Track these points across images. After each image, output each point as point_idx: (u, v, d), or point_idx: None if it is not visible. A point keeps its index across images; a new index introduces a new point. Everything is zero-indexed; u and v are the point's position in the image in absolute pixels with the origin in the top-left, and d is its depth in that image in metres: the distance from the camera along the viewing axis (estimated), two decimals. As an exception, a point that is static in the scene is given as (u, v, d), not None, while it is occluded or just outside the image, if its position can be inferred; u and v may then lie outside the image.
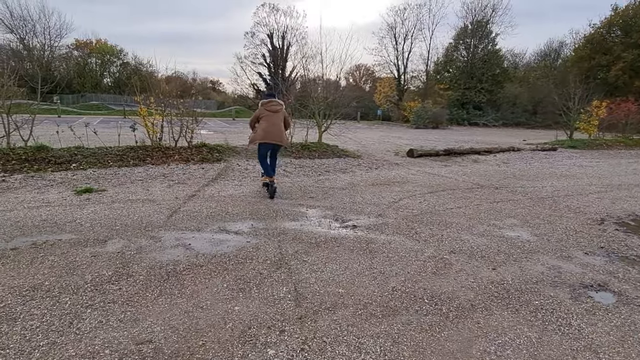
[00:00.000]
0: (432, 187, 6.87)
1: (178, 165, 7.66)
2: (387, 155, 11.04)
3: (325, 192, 6.23)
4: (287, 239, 3.97)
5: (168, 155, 8.12)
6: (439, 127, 27.93)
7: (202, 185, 6.32)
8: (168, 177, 6.79)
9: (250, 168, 7.85)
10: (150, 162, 7.74)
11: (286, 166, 8.21)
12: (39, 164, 6.97)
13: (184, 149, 8.45)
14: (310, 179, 7.26)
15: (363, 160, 9.58)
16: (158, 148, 8.23)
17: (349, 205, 5.40)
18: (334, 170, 8.13)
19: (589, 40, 34.57)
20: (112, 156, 7.71)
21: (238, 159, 8.57)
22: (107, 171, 6.93)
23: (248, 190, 6.16)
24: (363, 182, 7.07)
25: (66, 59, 49.10)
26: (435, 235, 4.24)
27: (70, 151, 7.63)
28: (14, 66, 8.22)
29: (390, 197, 5.96)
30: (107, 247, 3.59)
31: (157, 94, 8.47)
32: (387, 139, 16.63)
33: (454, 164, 9.92)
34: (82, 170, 6.88)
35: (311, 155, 9.48)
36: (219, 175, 7.15)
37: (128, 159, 7.69)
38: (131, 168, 7.26)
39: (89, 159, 7.42)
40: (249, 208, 5.08)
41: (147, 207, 4.97)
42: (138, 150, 8.07)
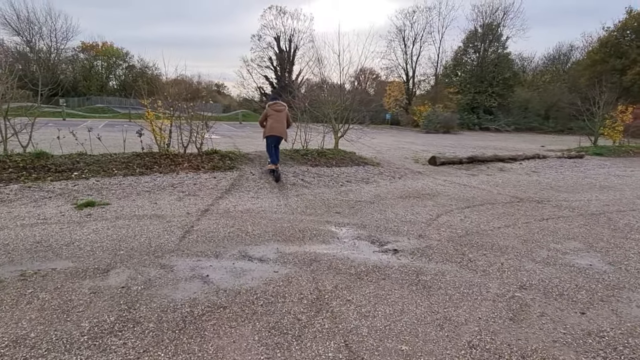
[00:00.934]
0: (467, 200, 6.24)
1: (188, 174, 7.08)
2: (407, 162, 10.41)
3: (352, 206, 5.61)
4: (322, 268, 3.35)
5: (177, 163, 7.54)
6: (450, 132, 27.27)
7: (215, 198, 5.72)
8: (177, 187, 6.21)
9: (265, 177, 7.25)
10: (157, 170, 7.16)
11: (304, 175, 7.60)
12: (38, 172, 6.41)
13: (193, 156, 7.88)
14: (331, 190, 6.65)
15: (384, 169, 8.96)
16: (166, 155, 7.66)
17: (383, 223, 4.78)
18: (356, 180, 7.52)
19: (603, 44, 33.83)
20: (117, 164, 7.14)
21: (251, 167, 7.97)
22: (112, 181, 6.36)
23: (267, 203, 5.55)
24: (390, 195, 6.45)
25: (72, 61, 48.99)
26: (494, 264, 3.60)
27: (72, 158, 7.07)
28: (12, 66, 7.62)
29: (425, 213, 5.33)
30: (110, 280, 2.99)
31: (165, 97, 7.91)
32: (401, 145, 16.01)
33: (480, 172, 9.28)
34: (84, 180, 6.31)
35: (328, 163, 8.88)
36: (232, 185, 6.56)
37: (134, 167, 7.12)
38: (137, 177, 6.69)
39: (91, 167, 6.86)
40: (271, 227, 4.47)
41: (156, 225, 4.37)
42: (145, 157, 7.50)
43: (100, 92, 46.58)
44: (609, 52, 33.36)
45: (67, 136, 7.42)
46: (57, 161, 6.83)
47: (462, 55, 39.97)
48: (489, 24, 36.76)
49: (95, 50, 49.84)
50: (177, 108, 8.01)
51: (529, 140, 22.52)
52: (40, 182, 6.01)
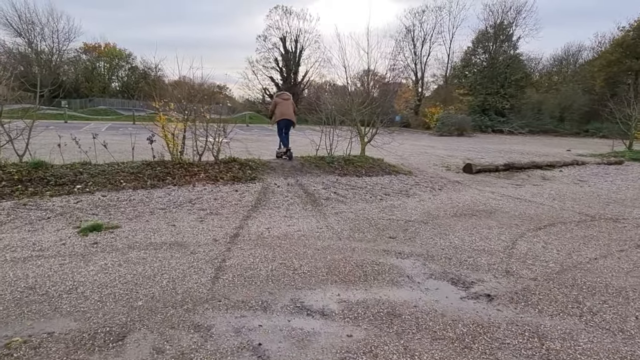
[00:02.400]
0: (532, 219, 5.37)
1: (206, 187, 6.23)
2: (439, 170, 9.54)
3: (404, 227, 4.75)
4: (409, 329, 2.50)
5: (192, 173, 6.69)
6: (463, 135, 26.40)
7: (242, 218, 4.87)
8: (196, 204, 5.36)
9: (293, 190, 6.40)
10: (171, 182, 6.32)
11: (335, 187, 6.75)
12: (35, 185, 5.58)
13: (210, 165, 7.03)
14: (372, 206, 5.79)
15: (418, 178, 8.10)
16: (180, 164, 6.81)
17: (452, 253, 3.92)
18: (394, 193, 6.66)
19: (618, 44, 32.92)
20: (125, 174, 6.29)
21: (274, 177, 7.12)
22: (120, 195, 5.51)
23: (305, 225, 4.69)
24: (442, 212, 5.58)
25: (74, 62, 48.30)
26: (628, 319, 2.74)
27: (74, 168, 6.23)
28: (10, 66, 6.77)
29: (495, 238, 4.47)
30: (127, 354, 2.14)
31: (179, 98, 7.07)
32: (421, 149, 15.14)
33: (523, 182, 8.41)
34: (89, 194, 5.47)
35: (357, 172, 8.02)
36: (258, 200, 5.70)
37: (144, 178, 6.27)
38: (149, 191, 5.84)
39: (97, 179, 6.02)
40: (321, 259, 3.61)
41: (178, 258, 3.52)
42: (156, 167, 6.65)
43: (103, 94, 45.82)
44: (624, 53, 32.46)
45: (70, 142, 6.58)
46: (58, 172, 5.99)
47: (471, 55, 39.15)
48: (500, 24, 35.92)
49: (97, 51, 49.14)
50: (191, 111, 7.18)
51: (549, 144, 21.61)
52: (37, 198, 5.17)
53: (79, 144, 6.40)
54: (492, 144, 20.64)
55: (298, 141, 18.14)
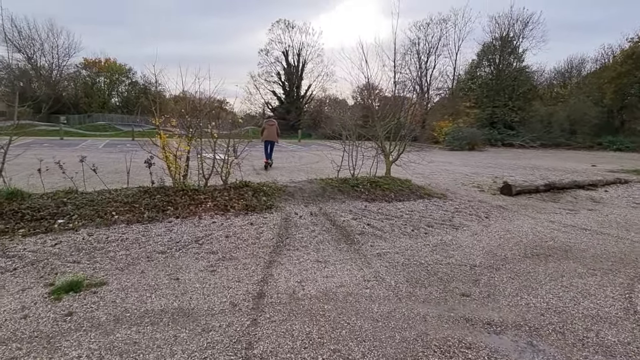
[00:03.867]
0: (621, 259, 4.32)
1: (214, 219, 5.19)
2: (471, 191, 8.51)
3: (473, 277, 3.69)
4: None
5: (198, 201, 5.66)
6: (475, 149, 25.46)
7: (265, 265, 3.81)
8: (204, 244, 4.31)
9: (319, 222, 5.36)
10: (173, 213, 5.28)
11: (366, 216, 5.71)
12: (7, 221, 4.54)
13: (218, 192, 6.00)
14: (418, 242, 4.73)
15: (456, 203, 7.06)
16: (183, 191, 5.78)
17: (558, 321, 2.86)
18: (437, 223, 5.61)
19: (628, 56, 32.29)
20: (118, 204, 5.26)
21: (294, 205, 6.09)
22: (110, 233, 4.47)
23: (347, 276, 3.63)
24: (508, 251, 4.52)
25: (74, 78, 47.72)
26: None
27: (57, 198, 5.20)
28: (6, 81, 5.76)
29: (599, 293, 3.41)
30: None
31: (182, 113, 6.09)
32: (440, 166, 14.13)
33: (574, 205, 7.37)
34: (71, 232, 4.43)
35: (387, 197, 6.99)
36: (280, 237, 4.65)
37: (141, 209, 5.24)
38: (146, 225, 4.80)
39: (83, 211, 4.98)
40: (388, 341, 2.55)
41: (186, 340, 2.46)
42: (155, 194, 5.63)
43: (102, 109, 45.10)
44: (634, 64, 31.81)
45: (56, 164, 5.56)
46: (36, 203, 4.95)
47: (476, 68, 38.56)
48: (506, 36, 35.39)
49: (97, 66, 48.62)
50: (196, 128, 6.19)
51: (566, 158, 20.63)
52: (7, 239, 4.12)
53: (62, 168, 5.37)
54: (508, 158, 19.66)
55: (306, 157, 17.20)
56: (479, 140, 26.23)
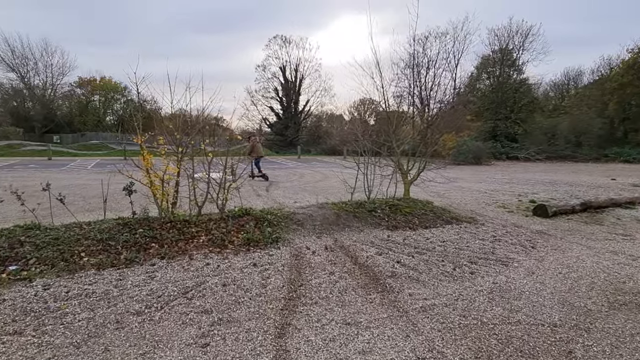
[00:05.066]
0: None
1: (208, 259, 4.19)
2: (500, 213, 7.56)
3: (565, 348, 2.69)
4: None
5: (189, 236, 4.66)
6: (481, 163, 24.63)
7: (275, 334, 2.80)
8: (195, 298, 3.30)
9: (337, 259, 4.37)
10: (157, 252, 4.27)
11: (392, 250, 4.72)
12: (-59, 270, 3.52)
13: (214, 223, 5.01)
14: (464, 287, 3.74)
15: (489, 229, 6.10)
16: (171, 223, 4.79)
17: None
18: (479, 258, 4.62)
19: (629, 66, 31.92)
20: (90, 242, 4.25)
21: (304, 237, 5.11)
22: (73, 284, 3.46)
23: (393, 352, 2.62)
24: (586, 299, 3.53)
25: (68, 97, 46.99)
26: None
27: (12, 236, 4.19)
28: None
29: None
30: None
31: (171, 130, 5.14)
32: (453, 183, 13.21)
33: (625, 229, 6.42)
34: (24, 284, 3.42)
35: (410, 223, 6.02)
36: (292, 285, 3.65)
37: (118, 248, 4.23)
38: (122, 271, 3.80)
39: (44, 252, 3.97)
40: None
41: None
42: (136, 228, 4.63)
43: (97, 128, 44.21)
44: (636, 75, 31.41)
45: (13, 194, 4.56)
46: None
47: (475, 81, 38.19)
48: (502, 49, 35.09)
49: (92, 85, 47.95)
50: (188, 146, 5.23)
51: (579, 170, 19.79)
52: None
53: (21, 199, 4.37)
54: (519, 172, 18.79)
55: (308, 175, 16.22)
56: (484, 154, 25.43)
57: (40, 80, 43.68)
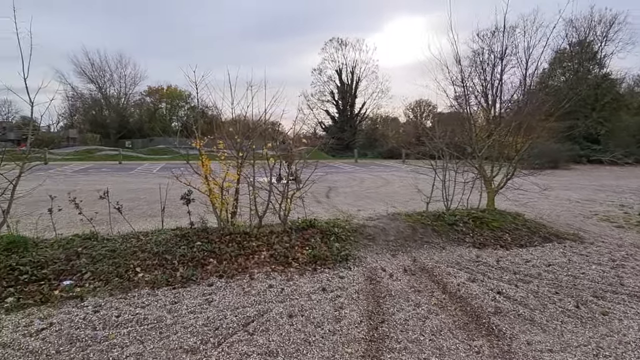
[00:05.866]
0: None
1: (271, 278, 3.66)
2: (606, 227, 6.31)
3: None
4: None
5: (249, 250, 4.18)
6: (558, 167, 22.23)
7: (361, 395, 2.14)
8: (257, 333, 2.75)
9: (420, 286, 3.63)
10: (215, 268, 3.83)
11: (483, 272, 3.87)
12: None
13: (276, 236, 4.49)
14: (600, 335, 2.83)
15: (602, 249, 4.98)
16: (230, 235, 4.35)
17: None
18: (605, 291, 3.63)
19: None
20: (146, 256, 3.92)
21: (378, 255, 4.42)
22: (125, 306, 3.08)
23: None
24: None
25: (139, 105, 50.47)
26: None
27: (70, 247, 3.97)
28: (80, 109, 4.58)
29: None
30: None
31: (232, 133, 4.71)
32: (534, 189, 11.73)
33: None
34: (75, 304, 3.10)
35: (500, 240, 5.09)
36: (371, 320, 2.98)
37: (174, 263, 3.85)
38: (177, 291, 3.38)
39: (100, 266, 3.68)
40: None
41: None
42: (194, 240, 4.24)
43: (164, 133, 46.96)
44: None
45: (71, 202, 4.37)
46: (42, 256, 3.74)
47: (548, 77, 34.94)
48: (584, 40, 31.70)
49: (160, 93, 51.09)
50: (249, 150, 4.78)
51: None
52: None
53: (78, 206, 4.15)
54: (606, 178, 16.56)
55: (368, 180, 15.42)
56: (562, 158, 22.93)
57: (115, 90, 47.33)
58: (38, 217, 4.61)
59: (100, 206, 5.85)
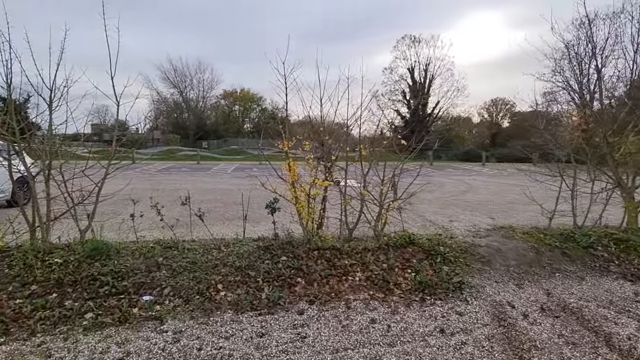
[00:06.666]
0: None
1: (371, 309, 3.01)
2: None
3: None
4: None
5: (341, 270, 3.57)
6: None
7: None
8: (369, 393, 2.10)
9: (576, 337, 2.72)
10: (304, 290, 3.28)
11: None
12: (80, 294, 3.09)
13: (370, 253, 3.83)
14: None
15: None
16: (319, 251, 3.78)
17: None
18: None
19: None
20: (227, 270, 3.49)
21: (499, 284, 3.56)
22: (206, 335, 2.64)
23: None
24: None
25: (215, 108, 53.22)
26: None
27: (151, 257, 3.68)
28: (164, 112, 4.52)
29: None
30: None
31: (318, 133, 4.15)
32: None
33: None
34: (153, 326, 2.73)
35: (661, 271, 3.90)
36: (521, 387, 2.18)
37: (258, 281, 3.37)
38: (263, 318, 2.87)
39: (180, 279, 3.32)
40: None
41: None
42: (278, 254, 3.73)
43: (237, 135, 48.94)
44: None
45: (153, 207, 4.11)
46: (123, 265, 3.47)
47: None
48: None
49: (233, 96, 53.39)
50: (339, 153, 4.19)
51: None
52: (59, 338, 2.58)
53: (161, 215, 3.86)
54: None
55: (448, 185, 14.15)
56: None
57: (194, 94, 50.34)
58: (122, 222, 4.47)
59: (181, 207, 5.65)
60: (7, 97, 3.37)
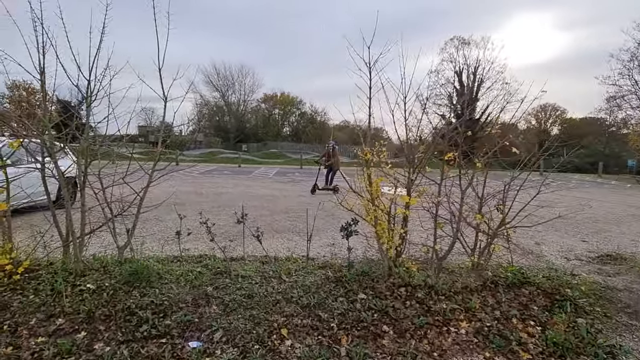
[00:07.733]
0: None
1: (499, 388, 2.14)
2: None
3: None
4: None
5: (438, 317, 2.72)
6: None
7: None
8: None
9: None
10: (393, 343, 2.46)
11: None
12: (111, 334, 2.45)
13: (474, 293, 2.95)
14: None
15: None
16: (406, 288, 2.94)
17: None
18: None
19: None
20: (292, 309, 2.74)
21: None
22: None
23: None
24: None
25: (255, 111, 53.64)
26: None
27: (198, 287, 3.00)
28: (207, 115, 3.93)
29: None
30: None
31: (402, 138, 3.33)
32: None
33: None
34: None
35: None
36: None
37: (332, 326, 2.59)
38: (349, 390, 2.07)
39: (234, 319, 2.61)
40: None
41: None
42: (355, 290, 2.94)
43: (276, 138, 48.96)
44: None
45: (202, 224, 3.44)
46: (165, 295, 2.82)
47: None
48: None
49: (273, 100, 53.58)
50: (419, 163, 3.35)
51: None
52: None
53: (210, 232, 3.18)
54: None
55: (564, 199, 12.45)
56: None
57: (236, 98, 51.00)
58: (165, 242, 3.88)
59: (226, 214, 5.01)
60: (41, 87, 2.82)
